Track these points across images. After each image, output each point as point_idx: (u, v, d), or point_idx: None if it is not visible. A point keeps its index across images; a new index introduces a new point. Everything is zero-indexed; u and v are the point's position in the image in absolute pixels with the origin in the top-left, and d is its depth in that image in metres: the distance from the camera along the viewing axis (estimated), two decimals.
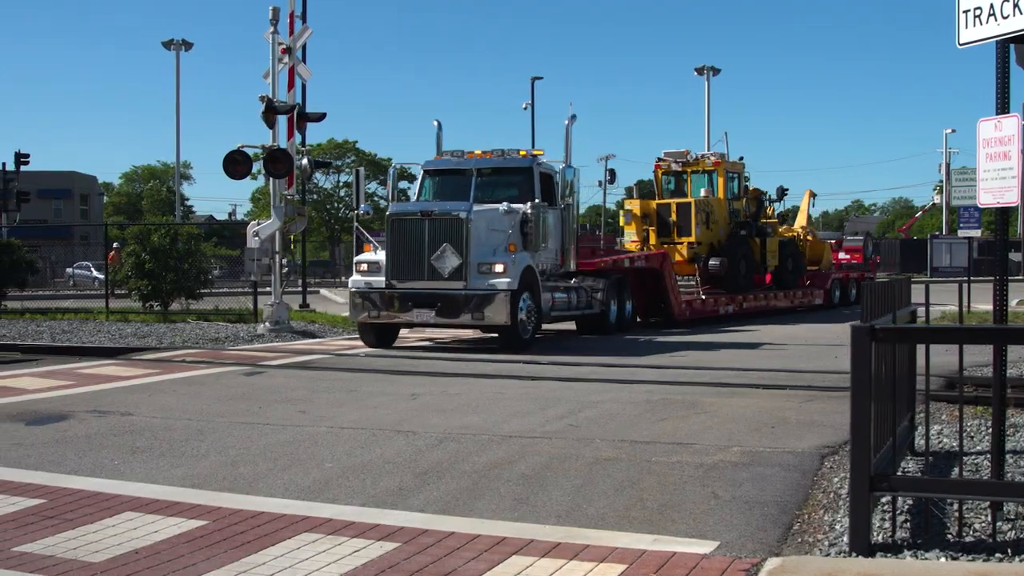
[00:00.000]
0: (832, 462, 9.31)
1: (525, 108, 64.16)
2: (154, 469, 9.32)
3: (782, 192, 40.44)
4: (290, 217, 22.90)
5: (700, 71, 66.12)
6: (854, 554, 6.46)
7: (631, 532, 7.21)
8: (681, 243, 30.39)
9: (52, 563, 6.63)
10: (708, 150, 34.69)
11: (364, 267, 20.13)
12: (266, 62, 21.45)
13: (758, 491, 8.29)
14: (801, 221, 39.42)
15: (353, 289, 20.22)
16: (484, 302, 18.96)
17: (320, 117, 23.38)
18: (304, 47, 23.09)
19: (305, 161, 23.58)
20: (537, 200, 20.60)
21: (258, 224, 23.31)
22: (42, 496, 8.31)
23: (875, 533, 6.85)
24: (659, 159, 32.70)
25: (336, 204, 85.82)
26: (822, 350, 20.37)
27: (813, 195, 40.93)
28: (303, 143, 25.03)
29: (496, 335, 20.24)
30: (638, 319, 27.34)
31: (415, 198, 22.19)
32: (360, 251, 21.39)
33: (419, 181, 22.47)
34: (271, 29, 20.88)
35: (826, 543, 6.83)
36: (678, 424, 11.38)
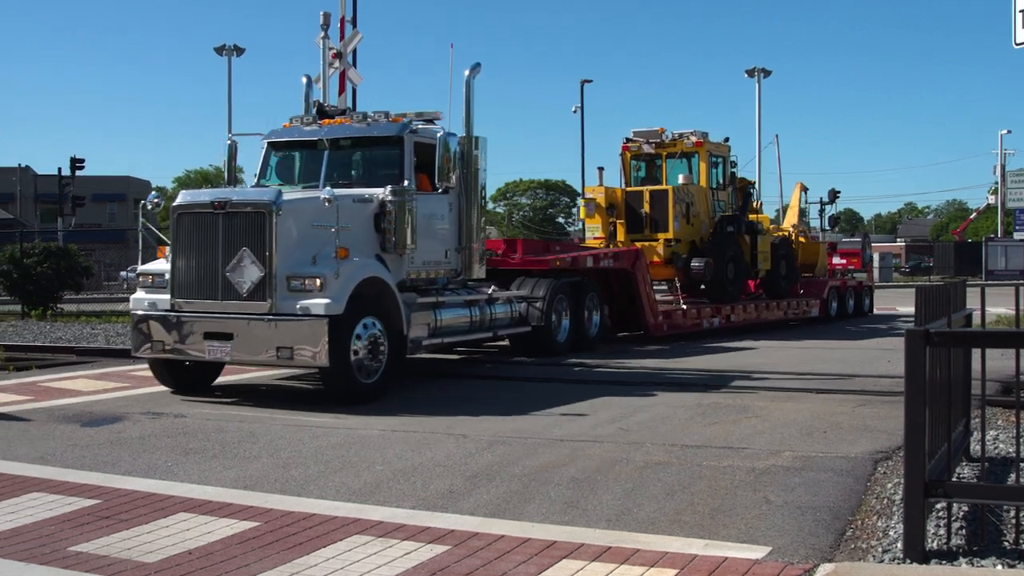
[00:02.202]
0: (886, 467, 9.22)
1: (575, 111, 64.10)
2: (207, 471, 9.43)
3: (834, 195, 39.21)
4: None
5: (751, 73, 65.72)
6: (908, 561, 6.39)
7: (682, 537, 7.17)
8: (656, 240, 25.11)
9: (107, 563, 6.72)
10: (759, 153, 32.31)
11: (149, 279, 14.12)
12: (317, 66, 21.61)
13: (810, 496, 8.22)
14: (792, 218, 33.54)
15: (133, 310, 14.20)
16: (292, 334, 12.91)
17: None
18: (355, 52, 23.23)
19: None
20: (407, 182, 14.83)
21: None
22: (97, 496, 8.43)
23: (930, 540, 6.77)
24: (627, 139, 27.09)
25: None
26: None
27: (805, 189, 34.56)
28: None
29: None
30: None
31: (255, 182, 16.31)
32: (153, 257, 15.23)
33: (261, 157, 16.36)
34: (322, 34, 21.02)
35: (880, 549, 6.75)
36: (729, 428, 11.32)
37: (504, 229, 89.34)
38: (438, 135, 15.15)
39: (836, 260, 34.88)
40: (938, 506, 7.21)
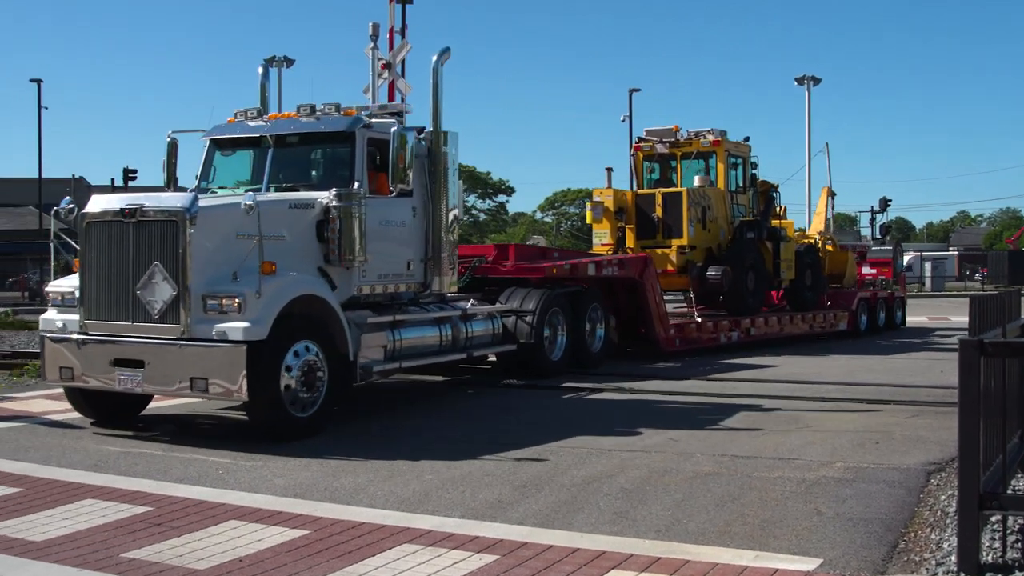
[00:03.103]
0: (939, 479, 9.11)
1: (623, 120, 63.99)
2: (257, 478, 9.50)
3: (885, 203, 38.30)
4: None
5: (800, 80, 65.22)
6: (962, 574, 6.31)
7: (732, 548, 7.14)
8: (669, 246, 23.22)
9: (159, 569, 6.80)
10: (809, 162, 30.43)
11: (59, 297, 12.51)
12: (365, 77, 21.74)
13: (862, 508, 8.14)
14: (818, 225, 31.64)
15: (42, 331, 12.65)
16: (205, 362, 11.09)
17: (419, 132, 23.59)
18: (403, 62, 23.33)
19: None
20: (358, 184, 12.85)
21: None
22: (150, 504, 8.52)
23: (984, 553, 6.67)
24: (639, 139, 25.41)
25: None
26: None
27: (832, 194, 32.44)
28: None
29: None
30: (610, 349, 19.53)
31: (194, 185, 14.29)
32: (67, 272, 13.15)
33: (203, 157, 14.38)
34: (371, 45, 21.10)
35: (933, 562, 6.68)
36: (779, 439, 11.24)
37: (552, 239, 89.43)
38: (392, 129, 12.98)
39: (866, 270, 32.33)
40: (993, 519, 7.12)
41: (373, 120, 13.46)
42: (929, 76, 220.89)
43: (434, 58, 14.77)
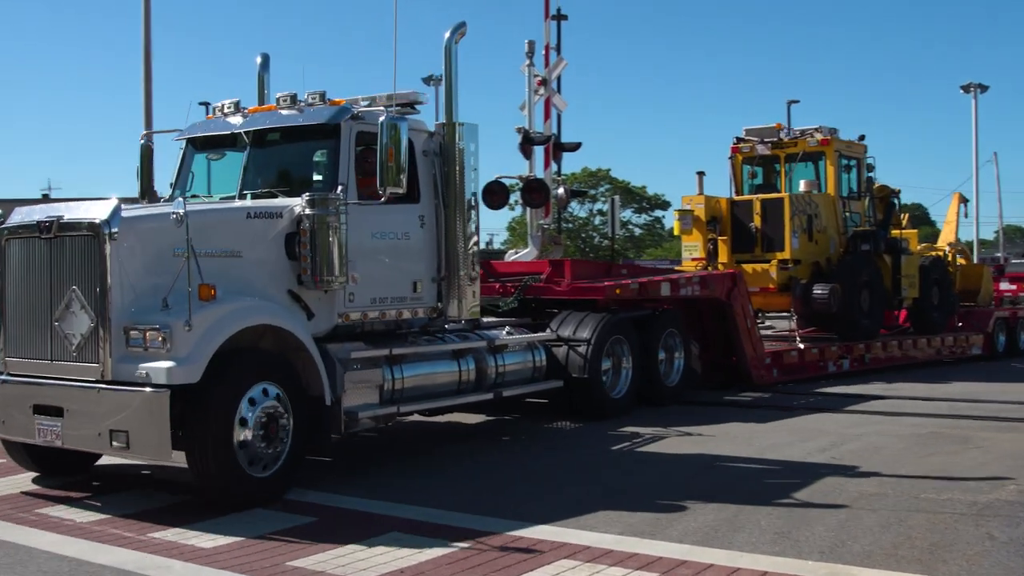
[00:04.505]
0: None
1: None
2: (427, 492, 9.59)
3: None
4: (547, 246, 23.11)
5: (966, 89, 63.29)
6: None
7: (899, 572, 6.94)
8: (768, 261, 20.43)
9: None
10: (976, 172, 25.45)
11: None
12: (520, 95, 21.91)
13: None
14: (948, 236, 28.20)
15: None
16: (123, 412, 8.70)
17: (576, 147, 23.44)
18: (559, 78, 23.43)
19: (561, 190, 23.60)
20: (342, 187, 10.48)
21: (516, 253, 23.72)
22: (314, 515, 8.72)
23: None
24: (738, 139, 22.38)
25: (591, 232, 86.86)
26: None
27: (964, 200, 28.83)
28: (559, 172, 25.23)
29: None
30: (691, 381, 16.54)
31: (171, 187, 12.07)
32: None
33: (179, 157, 12.11)
34: (527, 62, 21.22)
35: None
36: (948, 459, 10.88)
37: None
38: (380, 119, 10.38)
39: (1004, 285, 28.76)
40: None
41: (363, 111, 11.07)
42: None
43: (447, 35, 12.11)
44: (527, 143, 16.66)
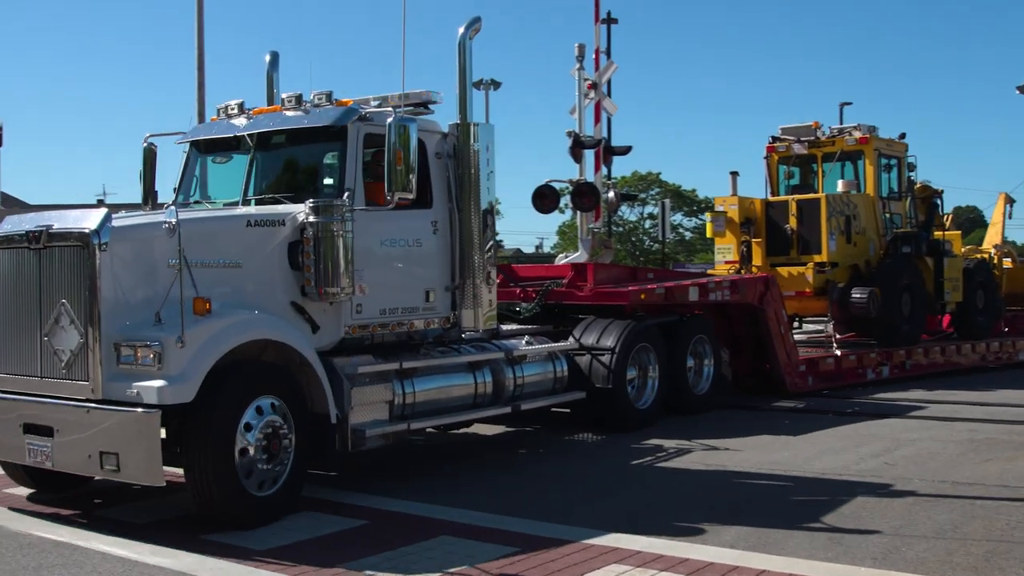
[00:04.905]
0: None
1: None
2: (471, 496, 9.63)
3: None
4: (597, 250, 23.05)
5: (1022, 89, 62.49)
6: None
7: None
8: (804, 264, 19.64)
9: None
10: None
11: None
12: (570, 98, 21.91)
13: None
14: (994, 237, 26.72)
15: None
16: (113, 432, 8.32)
17: (626, 151, 23.35)
18: (609, 82, 23.42)
19: (611, 194, 23.47)
20: (348, 193, 10.01)
21: (566, 256, 23.70)
22: (365, 518, 8.78)
23: None
24: (773, 138, 21.62)
25: (641, 236, 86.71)
26: None
27: (1011, 201, 27.65)
28: (609, 176, 25.14)
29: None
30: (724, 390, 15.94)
31: (175, 193, 11.55)
32: None
33: (183, 161, 11.59)
34: (577, 66, 21.21)
35: None
36: (1005, 465, 10.75)
37: None
38: (387, 120, 9.90)
39: None
40: None
41: (371, 111, 10.58)
42: None
43: (460, 30, 11.45)
44: (577, 147, 16.64)
